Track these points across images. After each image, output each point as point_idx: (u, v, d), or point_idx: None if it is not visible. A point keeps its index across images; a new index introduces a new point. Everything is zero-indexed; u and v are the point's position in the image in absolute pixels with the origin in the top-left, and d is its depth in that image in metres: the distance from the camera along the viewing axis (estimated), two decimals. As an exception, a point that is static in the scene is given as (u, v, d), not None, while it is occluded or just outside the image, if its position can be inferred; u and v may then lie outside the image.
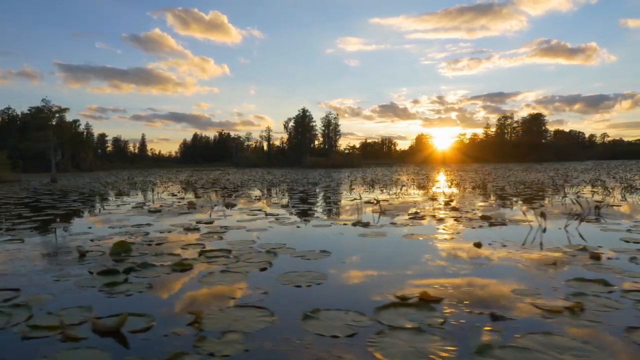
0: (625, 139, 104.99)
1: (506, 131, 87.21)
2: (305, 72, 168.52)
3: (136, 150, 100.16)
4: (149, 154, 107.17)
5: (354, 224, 5.53)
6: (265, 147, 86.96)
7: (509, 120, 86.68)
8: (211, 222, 5.93)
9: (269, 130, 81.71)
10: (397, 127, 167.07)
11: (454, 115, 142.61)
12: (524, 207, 7.01)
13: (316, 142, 75.84)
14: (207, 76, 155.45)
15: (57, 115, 21.78)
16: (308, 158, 55.64)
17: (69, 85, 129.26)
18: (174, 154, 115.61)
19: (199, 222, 6.00)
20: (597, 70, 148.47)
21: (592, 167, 31.72)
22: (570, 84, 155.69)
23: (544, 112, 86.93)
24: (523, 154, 78.86)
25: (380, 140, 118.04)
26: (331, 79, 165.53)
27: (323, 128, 75.62)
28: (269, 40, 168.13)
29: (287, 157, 66.63)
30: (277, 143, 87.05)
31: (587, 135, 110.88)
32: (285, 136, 77.39)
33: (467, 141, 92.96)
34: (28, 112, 57.06)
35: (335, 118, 76.54)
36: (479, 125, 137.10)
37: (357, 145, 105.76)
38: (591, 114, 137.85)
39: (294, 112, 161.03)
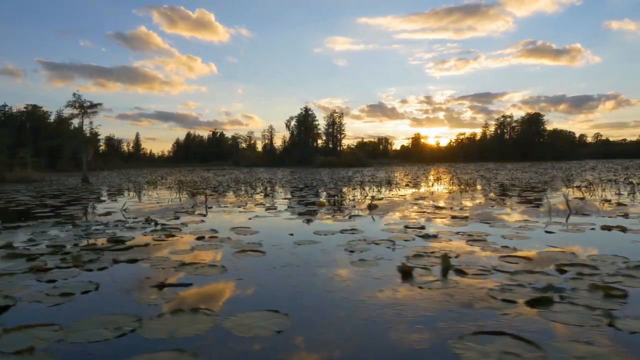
0: (610, 139, 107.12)
1: (505, 130, 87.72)
2: (293, 71, 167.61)
3: (130, 150, 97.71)
4: (141, 153, 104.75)
5: (607, 228, 4.75)
6: (259, 147, 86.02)
7: (508, 120, 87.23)
8: (422, 227, 5.08)
9: (271, 129, 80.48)
10: (385, 127, 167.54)
11: (441, 115, 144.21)
12: None
13: (319, 141, 74.97)
14: (194, 75, 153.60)
15: (88, 111, 20.25)
16: (318, 157, 54.69)
17: (54, 84, 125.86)
18: (166, 153, 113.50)
19: (407, 226, 5.14)
20: (582, 71, 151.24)
21: (620, 165, 31.65)
22: (555, 85, 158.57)
23: (530, 112, 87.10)
24: (523, 154, 79.47)
25: (377, 139, 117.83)
26: (319, 79, 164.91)
27: (326, 127, 74.73)
28: (257, 39, 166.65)
29: (291, 157, 65.55)
30: (276, 143, 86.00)
31: (576, 135, 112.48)
32: (288, 135, 76.22)
33: (466, 141, 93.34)
34: (25, 109, 55.02)
35: (339, 117, 75.80)
36: (466, 125, 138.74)
37: (354, 144, 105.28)
38: (575, 114, 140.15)
39: (282, 112, 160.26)
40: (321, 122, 75.53)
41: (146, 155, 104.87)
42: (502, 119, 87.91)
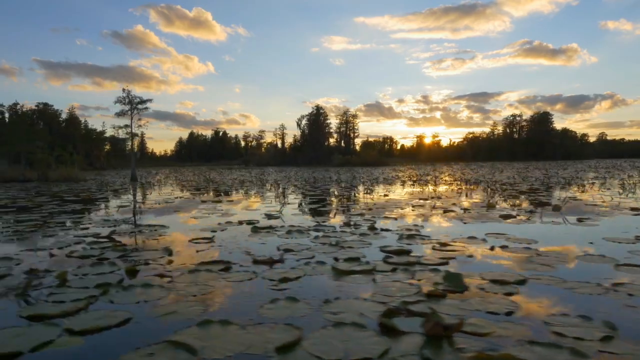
0: (616, 139, 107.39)
1: (514, 130, 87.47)
2: (290, 70, 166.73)
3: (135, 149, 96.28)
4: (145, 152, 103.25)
5: None
6: (260, 147, 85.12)
7: (518, 119, 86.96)
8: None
9: (282, 127, 79.62)
10: (382, 126, 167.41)
11: (438, 114, 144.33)
12: None
13: (331, 140, 74.27)
14: (191, 74, 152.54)
15: (139, 107, 19.16)
16: (337, 156, 53.99)
17: (50, 83, 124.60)
18: (169, 152, 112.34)
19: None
20: (578, 71, 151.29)
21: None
22: (551, 85, 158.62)
23: (527, 112, 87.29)
24: (533, 153, 79.14)
25: (381, 139, 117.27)
26: (316, 78, 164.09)
27: (338, 126, 74.08)
28: (254, 39, 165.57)
29: (304, 156, 64.74)
30: (282, 142, 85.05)
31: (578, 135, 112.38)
32: (299, 134, 75.18)
33: (475, 140, 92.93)
34: (36, 107, 53.82)
35: (353, 116, 75.12)
36: (463, 124, 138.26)
37: (359, 144, 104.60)
38: (572, 113, 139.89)
39: (279, 111, 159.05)
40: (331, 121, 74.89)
41: (149, 155, 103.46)
42: (511, 118, 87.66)
